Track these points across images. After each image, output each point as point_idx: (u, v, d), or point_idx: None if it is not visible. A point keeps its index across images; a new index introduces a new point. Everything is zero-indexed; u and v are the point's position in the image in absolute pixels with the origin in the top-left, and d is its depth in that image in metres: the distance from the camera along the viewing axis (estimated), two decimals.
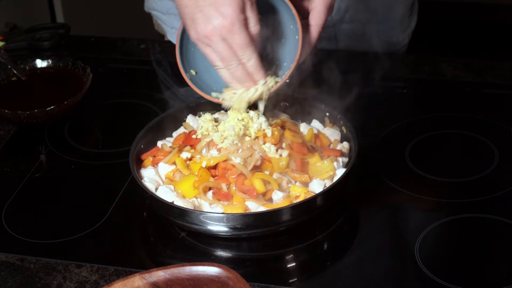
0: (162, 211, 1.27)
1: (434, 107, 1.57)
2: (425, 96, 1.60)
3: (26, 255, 1.26)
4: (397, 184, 1.36)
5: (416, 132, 1.48)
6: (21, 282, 1.21)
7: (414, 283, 1.18)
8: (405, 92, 1.61)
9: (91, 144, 1.54)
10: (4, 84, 1.62)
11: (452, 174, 1.38)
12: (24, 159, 1.50)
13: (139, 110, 1.60)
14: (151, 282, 1.11)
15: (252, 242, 1.26)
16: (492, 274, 1.19)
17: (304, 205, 1.22)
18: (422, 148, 1.45)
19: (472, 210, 1.30)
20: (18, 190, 1.40)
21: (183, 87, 1.54)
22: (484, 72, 1.65)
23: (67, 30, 1.86)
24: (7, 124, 1.57)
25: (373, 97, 1.60)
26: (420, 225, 1.27)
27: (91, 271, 1.23)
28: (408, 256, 1.22)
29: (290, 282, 1.20)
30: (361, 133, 1.45)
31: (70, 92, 1.55)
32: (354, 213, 1.33)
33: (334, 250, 1.27)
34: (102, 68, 1.73)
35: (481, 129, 1.49)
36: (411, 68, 1.69)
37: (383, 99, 1.60)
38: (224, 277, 1.10)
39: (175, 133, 1.41)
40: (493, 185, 1.35)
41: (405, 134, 1.48)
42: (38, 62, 1.65)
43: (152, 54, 1.78)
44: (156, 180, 1.32)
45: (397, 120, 1.52)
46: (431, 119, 1.52)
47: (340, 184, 1.27)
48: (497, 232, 1.27)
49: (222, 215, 1.22)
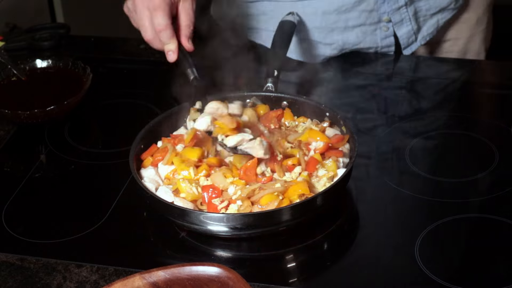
0: (162, 211, 1.27)
1: (434, 107, 1.57)
2: (425, 96, 1.60)
3: (26, 255, 1.26)
4: (397, 184, 1.36)
5: (416, 132, 1.48)
6: (21, 282, 1.21)
7: (414, 283, 1.18)
8: (404, 92, 1.61)
9: (91, 144, 1.54)
10: (4, 84, 1.61)
11: (452, 174, 1.38)
12: (24, 159, 1.50)
13: (139, 110, 1.60)
14: (151, 282, 1.11)
15: (252, 242, 1.26)
16: (492, 274, 1.19)
17: (304, 205, 1.22)
18: (422, 148, 1.45)
19: (472, 210, 1.30)
20: (18, 190, 1.40)
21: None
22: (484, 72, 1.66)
23: (67, 30, 1.86)
24: (7, 124, 1.57)
25: (373, 97, 1.60)
26: (420, 225, 1.27)
27: (91, 271, 1.23)
28: (408, 256, 1.22)
29: (290, 282, 1.20)
30: (361, 133, 1.45)
31: (70, 92, 1.55)
32: (354, 213, 1.33)
33: (334, 250, 1.27)
34: (102, 68, 1.73)
35: (481, 129, 1.49)
36: (411, 68, 1.69)
37: (383, 99, 1.60)
38: (224, 277, 1.10)
39: (175, 133, 1.41)
40: (493, 185, 1.35)
41: (405, 134, 1.48)
42: (38, 62, 1.65)
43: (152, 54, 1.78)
44: (156, 180, 1.32)
45: (397, 120, 1.52)
46: (431, 119, 1.52)
47: (340, 184, 1.27)
48: (497, 232, 1.27)
49: (222, 215, 1.22)
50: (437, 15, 1.68)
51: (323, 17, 1.63)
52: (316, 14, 1.63)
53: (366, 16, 1.64)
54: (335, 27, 1.65)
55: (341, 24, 1.64)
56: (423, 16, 1.67)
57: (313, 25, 1.65)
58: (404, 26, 1.66)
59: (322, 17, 1.63)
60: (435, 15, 1.68)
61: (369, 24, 1.65)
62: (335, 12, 1.62)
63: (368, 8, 1.62)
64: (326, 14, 1.63)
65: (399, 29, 1.66)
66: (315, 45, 1.67)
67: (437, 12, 1.68)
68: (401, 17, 1.64)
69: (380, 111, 1.57)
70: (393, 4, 1.62)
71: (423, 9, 1.66)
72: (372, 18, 1.64)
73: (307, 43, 1.67)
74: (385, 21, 1.64)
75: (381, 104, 1.59)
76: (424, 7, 1.66)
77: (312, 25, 1.65)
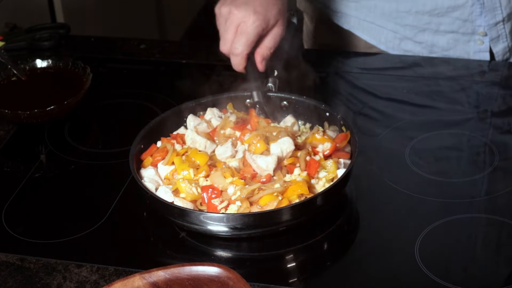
0: (162, 211, 1.27)
1: (433, 107, 1.57)
2: (423, 95, 1.60)
3: (26, 255, 1.26)
4: (397, 184, 1.36)
5: (416, 132, 1.48)
6: (21, 282, 1.21)
7: (414, 283, 1.18)
8: (404, 91, 1.61)
9: (91, 144, 1.54)
10: (4, 84, 1.61)
11: (452, 174, 1.38)
12: (24, 159, 1.50)
13: (139, 110, 1.60)
14: (151, 282, 1.11)
15: (252, 242, 1.26)
16: (492, 274, 1.19)
17: (304, 205, 1.22)
18: (422, 148, 1.45)
19: (472, 210, 1.30)
20: (18, 190, 1.40)
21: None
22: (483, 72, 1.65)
23: (67, 30, 1.86)
24: (7, 124, 1.57)
25: (373, 97, 1.60)
26: (420, 225, 1.27)
27: (91, 271, 1.23)
28: (408, 256, 1.22)
29: (290, 282, 1.20)
30: (361, 133, 1.45)
31: (70, 92, 1.55)
32: (354, 213, 1.33)
33: (334, 250, 1.27)
34: (102, 68, 1.73)
35: (481, 129, 1.49)
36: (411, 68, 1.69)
37: (383, 99, 1.60)
38: (224, 277, 1.10)
39: (175, 133, 1.41)
40: (493, 185, 1.35)
41: (405, 134, 1.48)
42: (38, 62, 1.65)
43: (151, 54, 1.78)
44: (156, 180, 1.32)
45: (397, 120, 1.52)
46: (431, 119, 1.52)
47: (340, 184, 1.27)
48: (497, 232, 1.27)
49: (222, 215, 1.22)
50: None
51: (415, 17, 1.64)
52: (409, 13, 1.64)
53: (460, 25, 1.63)
54: (427, 28, 1.65)
55: (433, 27, 1.64)
56: None
57: (405, 23, 1.66)
58: (500, 43, 1.65)
59: (414, 16, 1.64)
60: None
61: (462, 33, 1.64)
62: (428, 14, 1.63)
63: (462, 17, 1.62)
64: (419, 14, 1.63)
65: (495, 45, 1.65)
66: (405, 41, 1.68)
67: None
68: (498, 33, 1.63)
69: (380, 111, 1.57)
70: (490, 19, 1.61)
71: None
72: (466, 28, 1.63)
73: (398, 38, 1.68)
74: (480, 34, 1.63)
75: (380, 104, 1.59)
76: None
77: (404, 23, 1.66)
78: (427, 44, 1.68)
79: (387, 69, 1.68)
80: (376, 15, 1.68)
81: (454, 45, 1.67)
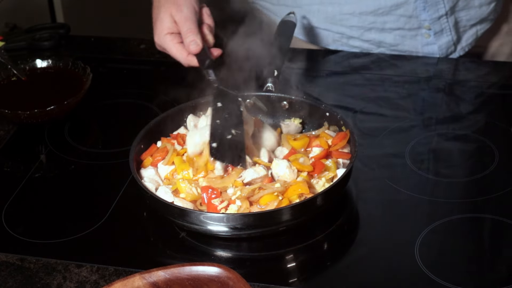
0: (162, 211, 1.27)
1: (433, 107, 1.57)
2: (424, 96, 1.60)
3: (26, 255, 1.26)
4: (397, 184, 1.36)
5: (416, 132, 1.48)
6: (21, 282, 1.21)
7: (414, 283, 1.18)
8: (404, 91, 1.61)
9: (91, 144, 1.54)
10: (4, 84, 1.61)
11: (452, 174, 1.38)
12: (24, 159, 1.50)
13: (139, 110, 1.60)
14: (151, 282, 1.11)
15: (252, 242, 1.26)
16: (492, 274, 1.19)
17: (304, 205, 1.22)
18: (422, 148, 1.45)
19: (472, 210, 1.30)
20: (18, 190, 1.40)
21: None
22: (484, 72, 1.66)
23: (67, 30, 1.86)
24: (7, 124, 1.57)
25: (373, 97, 1.60)
26: (420, 225, 1.27)
27: (91, 271, 1.23)
28: (408, 256, 1.22)
29: (290, 282, 1.20)
30: (361, 133, 1.45)
31: (70, 92, 1.55)
32: (354, 213, 1.33)
33: (334, 250, 1.27)
34: (102, 68, 1.73)
35: (481, 129, 1.49)
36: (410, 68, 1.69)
37: (383, 98, 1.60)
38: (224, 277, 1.10)
39: (175, 133, 1.41)
40: (493, 185, 1.35)
41: (405, 134, 1.48)
42: (38, 62, 1.65)
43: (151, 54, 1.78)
44: (156, 180, 1.32)
45: (397, 120, 1.52)
46: (431, 119, 1.52)
47: (340, 184, 1.27)
48: (497, 232, 1.27)
49: (222, 215, 1.22)
50: (477, 25, 1.67)
51: (360, 18, 1.64)
52: (353, 15, 1.64)
53: (405, 21, 1.64)
54: (373, 27, 1.66)
55: (378, 25, 1.65)
56: (463, 26, 1.66)
57: (351, 24, 1.66)
58: (444, 36, 1.66)
59: (359, 18, 1.64)
60: (475, 26, 1.67)
61: (408, 29, 1.65)
62: (372, 14, 1.63)
63: (406, 14, 1.63)
64: (363, 15, 1.64)
65: (438, 39, 1.66)
66: (352, 40, 1.69)
67: (476, 22, 1.67)
68: (441, 27, 1.64)
69: (380, 111, 1.57)
70: (433, 13, 1.62)
71: (464, 20, 1.66)
72: (412, 24, 1.64)
73: (345, 38, 1.69)
74: (426, 28, 1.64)
75: (381, 104, 1.59)
76: (464, 18, 1.65)
77: (349, 24, 1.66)
78: (375, 41, 1.68)
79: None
80: (320, 19, 1.67)
81: (401, 40, 1.67)
